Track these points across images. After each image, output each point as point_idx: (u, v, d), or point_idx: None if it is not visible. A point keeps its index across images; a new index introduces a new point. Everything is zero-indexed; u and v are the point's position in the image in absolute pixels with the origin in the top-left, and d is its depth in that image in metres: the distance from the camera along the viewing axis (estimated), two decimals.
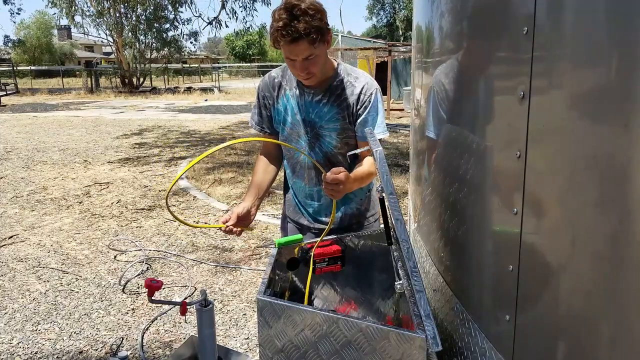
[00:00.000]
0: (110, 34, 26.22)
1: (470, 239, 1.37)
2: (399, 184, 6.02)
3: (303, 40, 1.50)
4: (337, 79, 1.72)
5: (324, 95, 1.72)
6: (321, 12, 1.53)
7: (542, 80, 0.98)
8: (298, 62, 1.58)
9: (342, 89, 1.71)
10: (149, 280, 1.60)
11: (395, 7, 43.13)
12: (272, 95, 1.80)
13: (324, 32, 1.54)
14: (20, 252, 4.03)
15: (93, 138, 10.25)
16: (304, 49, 1.53)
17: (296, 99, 1.75)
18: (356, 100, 1.70)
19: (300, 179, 1.86)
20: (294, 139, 1.80)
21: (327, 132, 1.75)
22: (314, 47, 1.53)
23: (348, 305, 1.86)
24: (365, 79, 1.73)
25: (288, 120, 1.78)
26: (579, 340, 0.94)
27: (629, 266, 0.81)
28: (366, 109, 1.70)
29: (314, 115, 1.74)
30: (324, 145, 1.77)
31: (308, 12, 1.48)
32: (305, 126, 1.76)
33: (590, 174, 0.88)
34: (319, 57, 1.59)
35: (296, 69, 1.61)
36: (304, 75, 1.62)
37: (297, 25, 1.47)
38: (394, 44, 17.64)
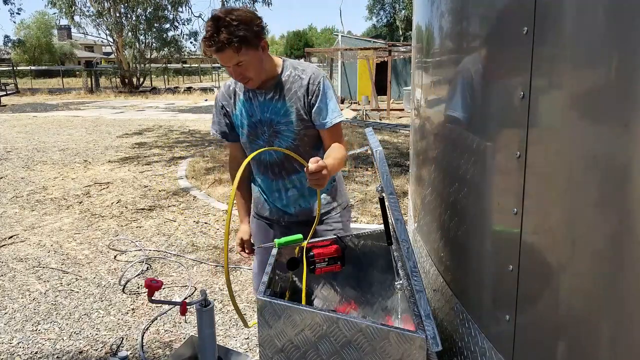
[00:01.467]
0: (110, 34, 26.23)
1: (470, 239, 1.37)
2: (399, 184, 6.02)
3: (227, 49, 1.60)
4: (284, 75, 1.80)
5: (275, 92, 1.80)
6: (247, 22, 1.62)
7: (542, 80, 0.98)
8: (231, 69, 1.68)
9: (291, 82, 1.80)
10: (149, 280, 1.60)
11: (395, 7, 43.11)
12: (230, 102, 1.88)
13: (249, 40, 1.63)
14: (20, 252, 4.03)
15: (93, 138, 10.25)
16: (230, 57, 1.63)
17: (249, 102, 1.83)
18: (306, 91, 1.78)
19: (265, 175, 1.93)
20: (253, 141, 1.87)
21: (285, 127, 1.82)
22: (239, 55, 1.63)
23: (348, 305, 1.86)
24: (312, 69, 1.83)
25: (245, 124, 1.86)
26: (579, 340, 0.94)
27: (629, 266, 0.81)
28: (318, 97, 1.78)
29: (269, 113, 1.81)
30: (282, 141, 1.84)
31: (232, 23, 1.59)
32: (262, 125, 1.84)
33: (590, 174, 0.88)
34: (251, 62, 1.68)
35: (232, 74, 1.72)
36: (240, 79, 1.72)
37: (220, 37, 1.58)
38: (394, 44, 17.64)
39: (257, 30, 1.66)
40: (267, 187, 1.95)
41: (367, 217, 4.86)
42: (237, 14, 1.62)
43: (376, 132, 10.40)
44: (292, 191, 1.92)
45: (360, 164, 7.18)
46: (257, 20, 1.67)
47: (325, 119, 1.79)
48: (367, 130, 1.77)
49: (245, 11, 1.66)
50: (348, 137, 9.79)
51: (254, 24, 1.65)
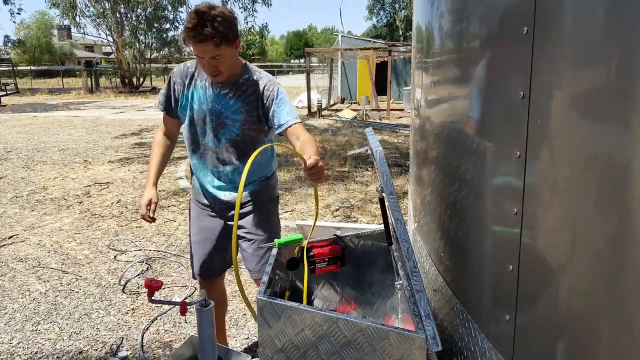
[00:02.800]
0: (110, 34, 26.22)
1: (470, 239, 1.37)
2: (399, 184, 6.02)
3: (208, 42, 1.69)
4: (243, 77, 1.91)
5: (230, 89, 1.90)
6: (229, 20, 1.74)
7: (542, 80, 0.98)
8: (206, 60, 1.77)
9: (247, 86, 1.91)
10: (149, 280, 1.60)
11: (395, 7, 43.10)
12: (183, 82, 1.96)
13: (229, 37, 1.74)
14: (20, 252, 4.03)
15: (93, 138, 10.25)
16: (210, 50, 1.72)
17: (205, 90, 1.93)
18: (261, 95, 1.91)
19: (202, 159, 2.03)
20: (199, 125, 1.97)
21: (231, 122, 1.93)
22: (219, 49, 1.72)
23: (348, 305, 1.86)
24: (268, 78, 1.96)
25: (195, 108, 1.96)
26: (579, 340, 0.94)
27: (629, 266, 0.81)
28: (273, 101, 1.90)
29: (220, 107, 1.92)
30: (227, 133, 1.95)
31: (216, 19, 1.69)
32: (211, 115, 1.93)
33: (590, 174, 0.88)
34: (226, 57, 1.78)
35: (204, 66, 1.81)
36: (211, 71, 1.81)
37: (204, 29, 1.67)
38: (394, 44, 17.63)
39: (235, 30, 1.77)
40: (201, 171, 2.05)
41: (367, 217, 4.86)
42: (220, 10, 1.73)
43: (376, 132, 10.41)
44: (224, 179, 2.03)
45: (360, 164, 7.19)
46: (236, 21, 1.80)
47: (281, 121, 1.87)
48: (367, 130, 1.77)
49: (227, 10, 1.77)
50: (348, 137, 9.79)
51: (234, 23, 1.76)
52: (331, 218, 4.87)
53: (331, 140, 9.40)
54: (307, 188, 5.93)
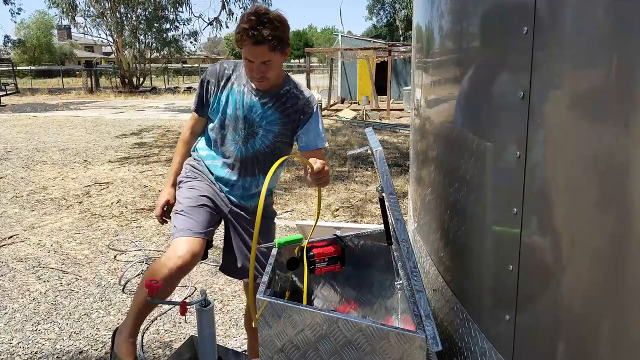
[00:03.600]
0: (110, 34, 26.22)
1: (470, 239, 1.37)
2: (399, 184, 6.02)
3: (264, 45, 1.65)
4: (284, 88, 1.87)
5: (270, 99, 1.85)
6: (285, 25, 1.71)
7: (542, 80, 0.98)
8: (256, 64, 1.71)
9: (288, 98, 1.86)
10: (149, 280, 1.60)
11: (395, 7, 43.09)
12: (218, 83, 1.89)
13: (284, 43, 1.71)
14: (20, 252, 4.03)
15: (93, 138, 10.24)
16: (263, 53, 1.67)
17: (242, 95, 1.86)
18: (301, 110, 1.87)
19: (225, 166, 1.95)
20: (229, 130, 1.90)
21: (264, 132, 1.88)
22: (273, 53, 1.69)
23: (348, 305, 1.86)
24: (309, 93, 1.93)
25: (228, 112, 1.88)
26: (579, 340, 0.94)
27: (629, 266, 0.81)
28: (309, 118, 1.88)
29: (256, 115, 1.86)
30: (257, 143, 1.89)
31: (274, 21, 1.65)
32: (245, 122, 1.87)
33: (590, 174, 0.88)
34: (275, 64, 1.74)
35: (252, 70, 1.74)
36: (258, 77, 1.75)
37: (262, 30, 1.63)
38: (394, 44, 17.63)
39: (288, 37, 1.74)
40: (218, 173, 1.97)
41: (367, 217, 4.86)
42: (277, 14, 1.70)
43: (376, 132, 10.40)
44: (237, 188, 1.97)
45: (360, 164, 7.19)
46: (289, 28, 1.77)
47: (310, 141, 1.87)
48: (367, 130, 1.77)
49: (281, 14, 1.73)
50: (348, 137, 9.79)
51: (288, 29, 1.74)
52: (331, 218, 4.87)
53: (331, 140, 9.40)
54: (307, 188, 5.93)
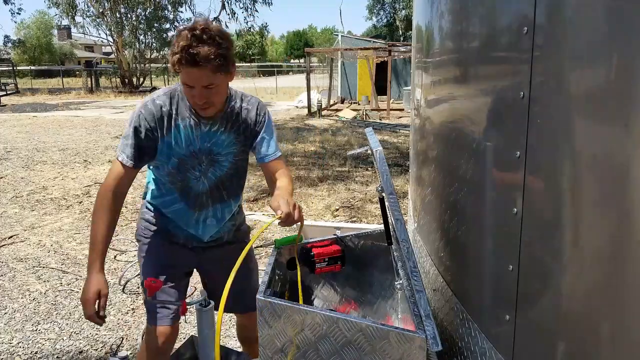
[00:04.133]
0: (110, 34, 26.23)
1: (470, 239, 1.37)
2: (399, 184, 6.01)
3: (205, 67, 1.41)
4: (230, 105, 1.68)
5: (221, 123, 1.66)
6: (229, 41, 1.47)
7: (542, 80, 0.98)
8: (197, 90, 1.48)
9: (237, 114, 1.70)
10: (149, 280, 1.60)
11: (395, 7, 43.10)
12: (161, 127, 1.61)
13: (228, 62, 1.46)
14: (20, 252, 4.03)
15: (93, 138, 10.25)
16: (205, 76, 1.43)
17: (190, 130, 1.63)
18: (253, 121, 1.73)
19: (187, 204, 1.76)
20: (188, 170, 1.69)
21: (224, 157, 1.73)
22: (217, 75, 1.45)
23: (348, 305, 1.86)
24: (256, 101, 1.77)
25: (180, 153, 1.65)
26: (579, 340, 0.94)
27: (629, 266, 0.81)
28: (262, 128, 1.74)
29: (211, 145, 1.68)
30: (217, 170, 1.73)
31: (215, 38, 1.41)
32: (202, 155, 1.68)
33: (590, 174, 0.88)
34: (220, 88, 1.52)
35: (194, 97, 1.51)
36: (202, 104, 1.52)
37: (202, 49, 1.39)
38: (394, 44, 17.63)
39: (233, 55, 1.50)
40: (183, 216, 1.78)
41: (367, 217, 4.86)
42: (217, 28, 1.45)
43: (376, 132, 10.40)
44: (210, 220, 1.81)
45: (360, 164, 7.18)
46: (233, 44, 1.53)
47: (268, 151, 1.74)
48: (367, 130, 1.77)
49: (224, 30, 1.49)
50: (348, 137, 9.79)
51: (232, 46, 1.49)
52: (331, 218, 4.87)
53: (331, 140, 9.40)
54: (307, 188, 5.93)
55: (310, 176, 6.48)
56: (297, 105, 16.76)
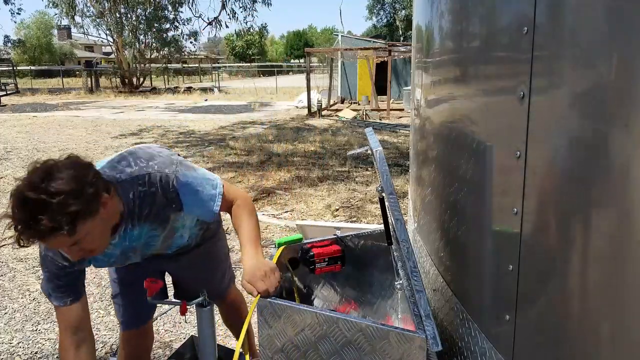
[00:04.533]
0: (110, 34, 26.24)
1: (470, 239, 1.37)
2: (399, 184, 6.01)
3: (55, 236, 1.15)
4: (130, 201, 1.38)
5: (133, 226, 1.43)
6: (75, 190, 1.15)
7: (542, 80, 0.98)
8: (66, 250, 1.27)
9: (140, 206, 1.40)
10: (149, 280, 1.59)
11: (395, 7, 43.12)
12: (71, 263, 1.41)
13: (84, 212, 1.17)
14: (20, 252, 4.03)
15: (93, 138, 10.24)
16: (62, 242, 1.19)
17: (102, 256, 1.46)
18: (165, 202, 1.42)
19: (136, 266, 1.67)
20: (124, 262, 1.57)
21: (159, 249, 1.60)
22: (74, 235, 1.17)
23: (348, 305, 1.86)
24: (155, 177, 1.39)
25: (111, 261, 1.53)
26: (579, 340, 0.94)
27: (629, 266, 0.81)
28: (182, 199, 1.43)
29: (138, 246, 1.52)
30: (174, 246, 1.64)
31: (51, 202, 1.12)
32: (135, 250, 1.54)
33: (590, 174, 0.88)
34: (91, 233, 1.23)
35: (69, 255, 1.30)
36: (80, 257, 1.30)
37: (40, 224, 1.12)
38: (394, 44, 17.63)
39: (92, 192, 1.19)
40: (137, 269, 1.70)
41: (367, 217, 4.86)
42: (56, 185, 1.15)
43: (376, 132, 10.40)
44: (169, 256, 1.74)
45: (360, 164, 7.18)
46: (89, 176, 1.22)
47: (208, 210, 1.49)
48: (367, 130, 1.77)
49: (69, 173, 1.18)
50: (348, 137, 9.79)
51: (85, 185, 1.19)
52: (331, 218, 4.87)
53: (331, 140, 9.40)
54: (307, 188, 5.93)
55: (310, 176, 6.48)
56: (297, 105, 16.76)
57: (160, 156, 1.45)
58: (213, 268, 1.92)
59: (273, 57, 68.28)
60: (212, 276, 1.91)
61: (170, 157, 1.47)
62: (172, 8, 24.87)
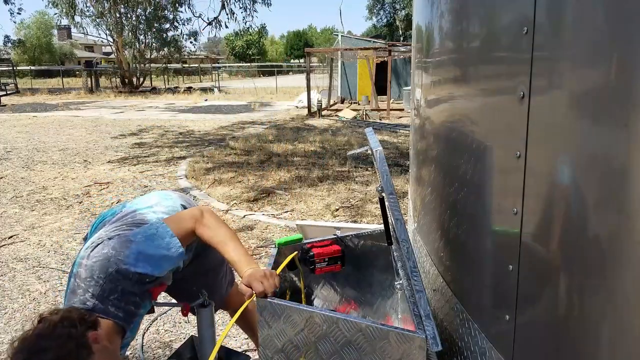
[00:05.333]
0: (110, 34, 26.23)
1: (470, 239, 1.37)
2: (399, 184, 6.01)
3: None
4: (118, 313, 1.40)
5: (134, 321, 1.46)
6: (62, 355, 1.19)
7: (542, 80, 0.98)
8: None
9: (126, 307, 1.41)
10: None
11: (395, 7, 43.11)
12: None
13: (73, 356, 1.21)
14: (20, 252, 4.03)
15: (93, 138, 10.24)
16: None
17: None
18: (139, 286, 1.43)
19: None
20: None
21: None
22: None
23: (348, 305, 1.86)
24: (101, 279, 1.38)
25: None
26: (579, 340, 0.94)
27: (629, 266, 0.81)
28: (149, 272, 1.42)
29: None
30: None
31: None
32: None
33: (590, 174, 0.88)
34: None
35: None
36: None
37: None
38: (394, 44, 17.63)
39: (75, 344, 1.22)
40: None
41: (367, 217, 4.86)
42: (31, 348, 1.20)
43: (376, 132, 10.40)
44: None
45: (360, 164, 7.18)
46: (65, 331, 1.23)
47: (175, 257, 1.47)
48: (367, 130, 1.77)
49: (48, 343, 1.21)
50: (348, 137, 9.79)
51: (67, 341, 1.22)
52: (331, 218, 4.87)
53: (331, 140, 9.40)
54: (307, 188, 5.93)
55: (310, 176, 6.48)
56: (297, 105, 16.76)
57: (96, 261, 1.40)
58: (211, 275, 1.91)
59: (273, 57, 68.24)
60: (212, 283, 1.90)
61: (103, 252, 1.41)
62: (172, 8, 24.87)
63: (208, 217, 1.52)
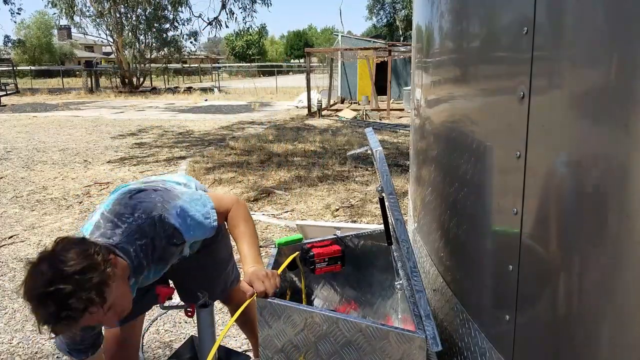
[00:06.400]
0: (110, 34, 26.24)
1: (470, 239, 1.37)
2: (399, 184, 6.01)
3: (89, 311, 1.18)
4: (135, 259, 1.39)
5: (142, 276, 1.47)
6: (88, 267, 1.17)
7: (542, 80, 0.98)
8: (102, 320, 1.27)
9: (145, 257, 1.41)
10: (160, 287, 1.58)
11: (395, 7, 43.12)
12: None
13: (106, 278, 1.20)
14: (20, 252, 4.03)
15: (93, 138, 10.24)
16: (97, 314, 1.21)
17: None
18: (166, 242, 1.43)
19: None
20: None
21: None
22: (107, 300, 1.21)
23: (348, 305, 1.86)
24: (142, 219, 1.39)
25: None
26: (579, 340, 0.94)
27: (629, 266, 0.81)
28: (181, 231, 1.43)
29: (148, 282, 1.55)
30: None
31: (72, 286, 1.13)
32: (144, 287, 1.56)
33: (590, 174, 0.88)
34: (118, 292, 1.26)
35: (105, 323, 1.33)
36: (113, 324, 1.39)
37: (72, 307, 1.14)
38: (394, 44, 17.63)
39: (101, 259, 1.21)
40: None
41: (367, 217, 4.86)
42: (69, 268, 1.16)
43: (376, 132, 10.39)
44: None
45: (360, 164, 7.18)
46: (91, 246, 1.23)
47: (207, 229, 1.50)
48: (367, 130, 1.77)
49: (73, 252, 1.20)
50: (348, 137, 9.79)
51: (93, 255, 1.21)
52: (331, 218, 4.87)
53: (331, 140, 9.40)
54: (307, 188, 5.93)
55: (310, 176, 6.48)
56: (297, 105, 16.76)
57: (142, 202, 1.43)
58: (218, 267, 1.92)
59: (273, 57, 68.24)
60: (218, 275, 1.91)
61: (151, 197, 1.45)
62: (172, 8, 24.86)
63: (243, 208, 1.61)
